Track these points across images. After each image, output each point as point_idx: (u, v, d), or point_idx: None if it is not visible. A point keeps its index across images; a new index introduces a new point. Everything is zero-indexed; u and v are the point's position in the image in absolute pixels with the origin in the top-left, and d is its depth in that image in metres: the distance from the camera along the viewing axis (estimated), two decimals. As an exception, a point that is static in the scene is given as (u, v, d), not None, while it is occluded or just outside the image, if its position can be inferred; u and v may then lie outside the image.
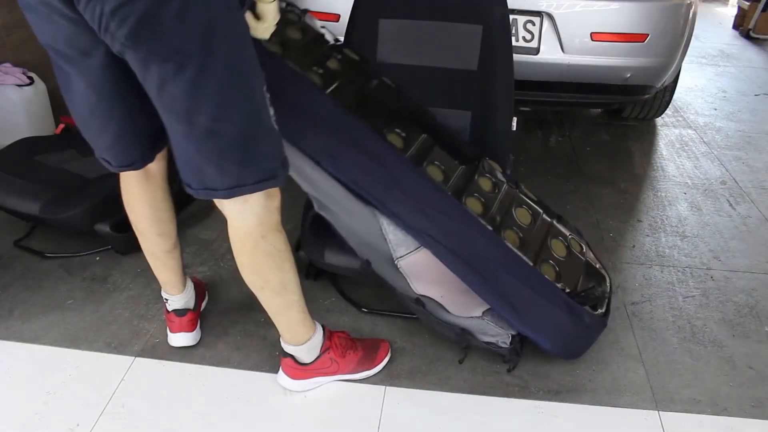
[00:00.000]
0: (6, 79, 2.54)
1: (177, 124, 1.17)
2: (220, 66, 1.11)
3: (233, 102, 1.15)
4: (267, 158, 1.24)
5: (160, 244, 1.54)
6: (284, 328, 1.48)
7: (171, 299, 1.63)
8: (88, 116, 1.29)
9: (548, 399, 1.56)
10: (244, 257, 1.35)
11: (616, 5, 2.36)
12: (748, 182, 2.74)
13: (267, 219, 1.29)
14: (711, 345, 1.76)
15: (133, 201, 1.48)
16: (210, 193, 1.24)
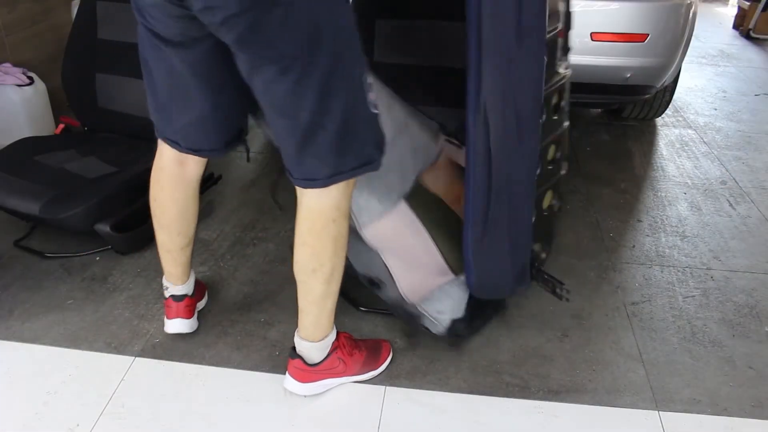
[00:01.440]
0: (6, 79, 2.54)
1: (280, 119, 1.23)
2: (323, 64, 1.15)
3: (335, 96, 1.19)
4: (364, 144, 1.29)
5: (177, 242, 1.56)
6: (311, 320, 1.45)
7: (171, 288, 1.63)
8: (173, 93, 1.34)
9: (548, 399, 1.56)
10: (310, 237, 1.35)
11: (616, 5, 2.36)
12: (748, 182, 2.74)
13: (342, 203, 1.32)
14: (711, 345, 1.76)
15: (162, 197, 1.51)
16: (310, 183, 1.28)
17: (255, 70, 1.17)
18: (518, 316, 1.84)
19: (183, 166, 1.48)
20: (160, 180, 1.50)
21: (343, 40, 1.18)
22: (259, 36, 1.10)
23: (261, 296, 1.88)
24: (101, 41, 2.28)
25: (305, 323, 1.46)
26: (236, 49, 1.16)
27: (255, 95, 1.23)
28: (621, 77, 2.49)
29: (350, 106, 1.22)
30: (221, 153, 1.46)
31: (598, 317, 1.85)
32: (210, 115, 1.36)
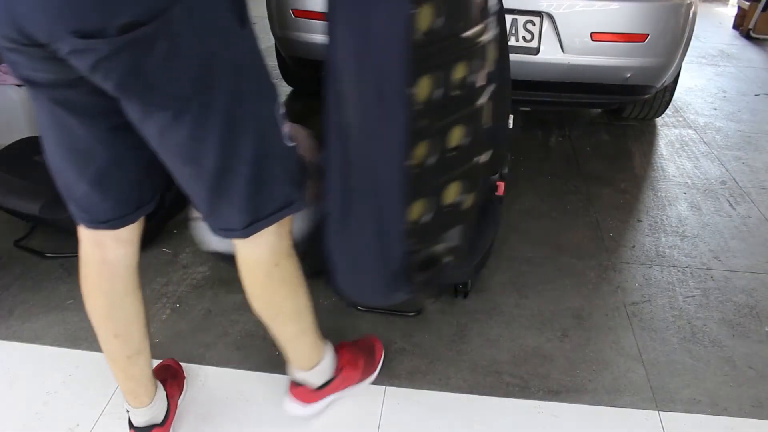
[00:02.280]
0: (6, 79, 2.54)
1: (184, 168, 1.07)
2: (223, 101, 1.00)
3: (241, 136, 1.05)
4: (282, 183, 1.15)
5: (117, 347, 1.28)
6: (296, 354, 1.40)
7: (132, 412, 1.35)
8: (66, 155, 1.11)
9: (548, 399, 1.56)
10: (256, 288, 1.25)
11: (616, 5, 2.36)
12: (748, 182, 2.74)
13: (279, 246, 1.20)
14: (711, 345, 1.76)
15: (88, 286, 1.24)
16: (228, 233, 1.16)
17: (146, 117, 0.99)
18: (518, 316, 1.84)
19: (101, 249, 1.21)
20: (83, 269, 1.24)
21: (242, 74, 1.02)
22: (142, 80, 0.93)
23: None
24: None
25: (292, 357, 1.41)
26: (119, 96, 0.97)
27: (152, 146, 1.05)
28: (621, 77, 2.49)
29: (261, 145, 1.08)
30: (135, 218, 1.21)
31: (598, 317, 1.85)
32: (110, 171, 1.12)
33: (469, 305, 1.87)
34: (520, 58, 2.40)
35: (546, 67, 2.44)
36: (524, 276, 2.03)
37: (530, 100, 2.66)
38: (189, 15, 0.90)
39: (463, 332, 1.77)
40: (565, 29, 2.37)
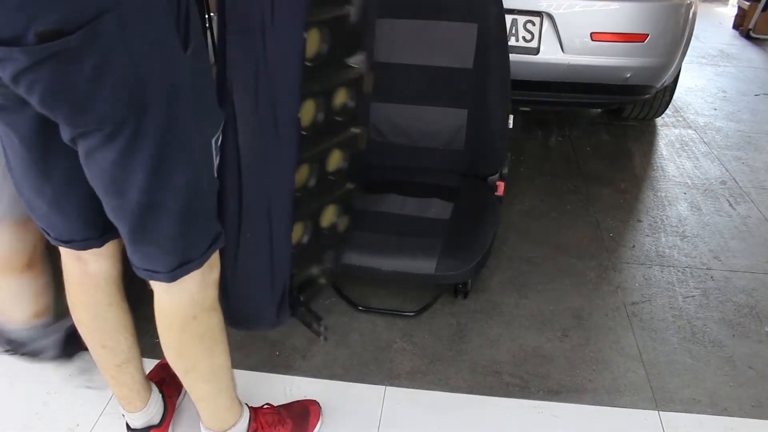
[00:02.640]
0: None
1: (107, 197, 0.98)
2: (156, 129, 0.90)
3: (173, 170, 0.95)
4: (210, 219, 1.08)
5: (106, 357, 1.25)
6: (208, 414, 1.28)
7: (128, 416, 1.34)
8: (22, 175, 1.04)
9: (548, 399, 1.56)
10: (169, 338, 1.14)
11: (616, 5, 2.36)
12: (748, 182, 2.74)
13: (201, 297, 1.10)
14: (711, 345, 1.76)
15: (71, 298, 1.20)
16: (152, 275, 1.05)
17: (77, 137, 0.90)
18: (518, 316, 1.84)
19: (81, 263, 1.15)
20: (66, 281, 1.20)
21: (179, 99, 0.92)
22: (68, 96, 0.84)
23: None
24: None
25: (203, 416, 1.29)
26: (45, 113, 0.87)
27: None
28: (621, 77, 2.49)
29: (195, 179, 0.99)
30: (99, 243, 1.13)
31: (598, 317, 1.85)
32: (65, 195, 1.05)
33: (469, 305, 1.88)
34: (520, 58, 2.40)
35: (546, 67, 2.44)
36: (524, 276, 2.03)
37: (530, 100, 2.66)
38: (121, 29, 0.81)
39: (463, 332, 1.77)
40: (565, 29, 2.37)
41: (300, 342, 1.71)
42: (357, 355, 1.68)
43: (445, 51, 1.95)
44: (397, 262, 1.68)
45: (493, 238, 1.85)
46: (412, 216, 1.82)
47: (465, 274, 1.75)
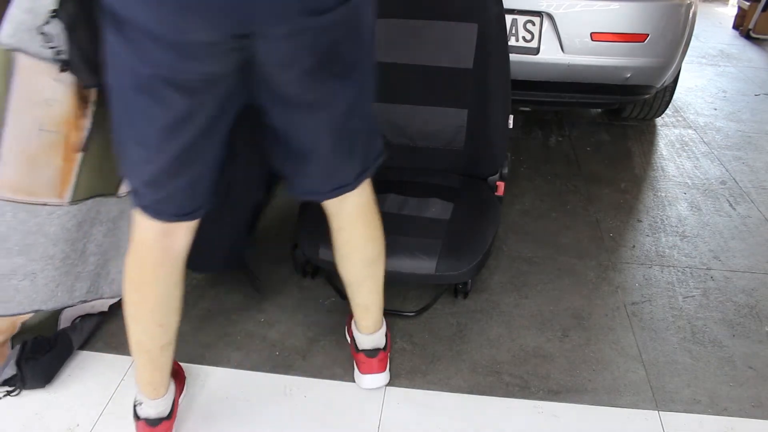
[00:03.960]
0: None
1: (328, 138, 1.18)
2: (371, 66, 1.16)
3: (369, 94, 1.20)
4: (378, 135, 1.33)
5: (157, 337, 1.30)
6: (377, 308, 1.52)
7: (146, 404, 1.35)
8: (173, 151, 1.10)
9: (548, 399, 1.56)
10: (372, 230, 1.38)
11: (616, 5, 2.36)
12: (748, 182, 2.74)
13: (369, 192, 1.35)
14: (711, 345, 1.76)
15: (143, 277, 1.24)
16: (341, 191, 1.28)
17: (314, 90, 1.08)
18: (518, 316, 1.84)
19: (170, 237, 1.21)
20: (140, 257, 1.23)
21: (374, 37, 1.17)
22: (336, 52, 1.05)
23: (261, 296, 1.88)
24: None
25: (376, 317, 1.51)
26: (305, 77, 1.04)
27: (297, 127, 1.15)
28: (621, 77, 2.49)
29: (372, 100, 1.23)
30: (210, 206, 1.25)
31: (598, 317, 1.85)
32: (212, 170, 1.19)
33: (469, 305, 1.88)
34: (520, 58, 2.40)
35: (546, 67, 2.44)
36: (524, 276, 2.03)
37: (530, 100, 2.66)
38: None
39: (463, 332, 1.77)
40: (565, 29, 2.37)
41: (300, 342, 1.71)
42: (357, 355, 1.68)
43: (445, 51, 1.95)
44: (397, 262, 1.68)
45: (494, 238, 1.85)
46: (412, 216, 1.82)
47: (465, 274, 1.75)
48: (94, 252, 1.56)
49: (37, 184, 1.40)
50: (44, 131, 1.38)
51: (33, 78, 1.32)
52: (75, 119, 1.40)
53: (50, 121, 1.36)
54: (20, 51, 1.29)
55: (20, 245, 1.43)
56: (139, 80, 1.00)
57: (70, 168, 1.44)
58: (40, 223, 1.44)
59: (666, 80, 2.66)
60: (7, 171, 1.37)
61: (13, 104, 1.32)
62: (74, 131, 1.41)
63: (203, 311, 1.80)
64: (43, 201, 1.42)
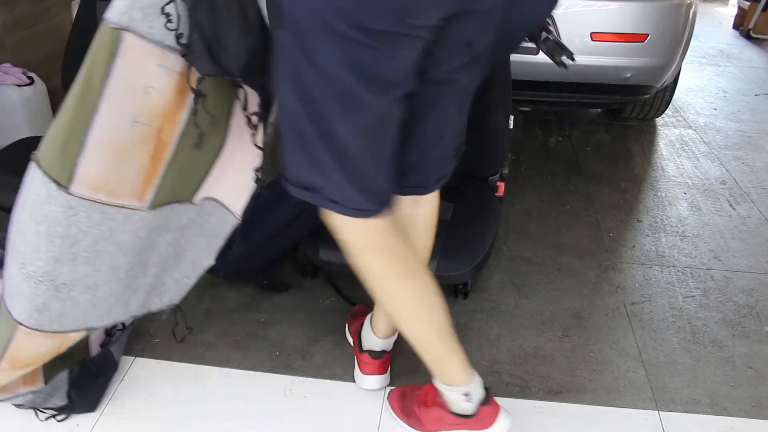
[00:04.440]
0: (6, 79, 2.54)
1: (455, 123, 1.23)
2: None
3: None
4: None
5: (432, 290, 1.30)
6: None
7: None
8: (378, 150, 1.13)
9: (548, 399, 1.56)
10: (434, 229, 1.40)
11: (616, 5, 2.36)
12: (748, 182, 2.74)
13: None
14: (711, 345, 1.76)
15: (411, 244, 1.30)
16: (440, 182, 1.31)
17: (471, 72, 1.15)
18: (518, 316, 1.84)
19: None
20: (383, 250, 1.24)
21: None
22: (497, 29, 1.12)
23: (261, 296, 1.88)
24: (101, 41, 2.27)
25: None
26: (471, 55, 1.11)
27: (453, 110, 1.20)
28: (621, 77, 2.49)
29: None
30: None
31: (598, 317, 1.85)
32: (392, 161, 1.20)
33: (469, 305, 1.88)
34: (520, 58, 2.40)
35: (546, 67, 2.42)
36: (524, 276, 2.03)
37: (530, 100, 2.66)
38: None
39: (463, 332, 1.77)
40: (565, 29, 2.37)
41: (300, 342, 1.71)
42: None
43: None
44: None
45: (494, 239, 1.85)
46: (412, 216, 1.82)
47: (465, 275, 1.75)
48: (155, 263, 1.36)
49: (119, 182, 1.20)
50: (138, 123, 1.17)
51: (136, 62, 1.14)
52: (172, 112, 1.21)
53: (146, 112, 1.18)
54: (129, 31, 1.11)
55: (88, 252, 1.23)
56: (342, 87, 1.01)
57: (156, 168, 1.23)
58: (114, 229, 1.23)
59: (666, 80, 2.66)
60: (91, 164, 1.17)
61: (110, 89, 1.13)
62: (168, 125, 1.21)
63: (203, 311, 1.80)
64: (121, 203, 1.22)
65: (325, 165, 1.11)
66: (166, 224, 1.32)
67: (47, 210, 1.18)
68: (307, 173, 1.14)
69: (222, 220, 1.38)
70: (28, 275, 1.21)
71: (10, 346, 1.29)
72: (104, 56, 1.12)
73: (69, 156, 1.15)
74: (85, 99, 1.13)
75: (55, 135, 1.16)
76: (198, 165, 1.28)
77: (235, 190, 1.34)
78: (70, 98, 1.14)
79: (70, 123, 1.14)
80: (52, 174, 1.17)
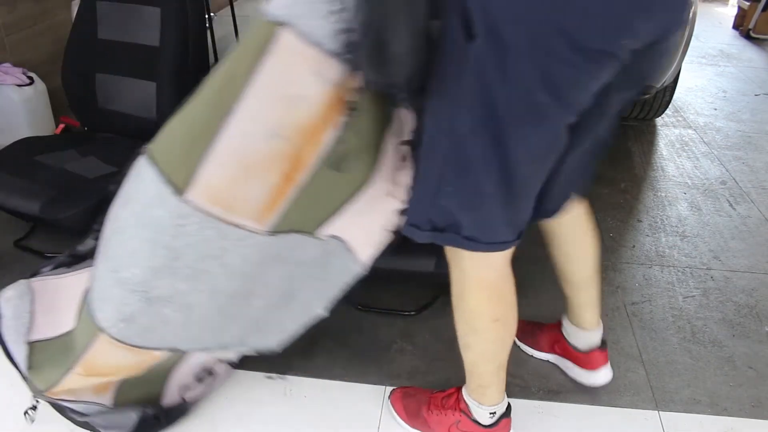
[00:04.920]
0: (6, 79, 2.54)
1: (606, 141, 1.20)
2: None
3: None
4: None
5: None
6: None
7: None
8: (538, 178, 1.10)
9: (548, 399, 1.56)
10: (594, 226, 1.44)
11: (616, 5, 2.36)
12: (748, 182, 2.74)
13: None
14: (711, 345, 1.76)
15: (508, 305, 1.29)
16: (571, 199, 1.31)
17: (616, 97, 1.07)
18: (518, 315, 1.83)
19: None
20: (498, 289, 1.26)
21: None
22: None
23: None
24: (101, 41, 2.28)
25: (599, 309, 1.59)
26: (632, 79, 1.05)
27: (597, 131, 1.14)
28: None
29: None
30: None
31: (598, 317, 1.85)
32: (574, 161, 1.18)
33: (469, 305, 1.87)
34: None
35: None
36: (524, 275, 2.01)
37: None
38: None
39: (463, 332, 1.76)
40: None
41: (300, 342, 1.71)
42: (357, 355, 1.68)
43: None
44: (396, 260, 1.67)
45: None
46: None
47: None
48: (261, 295, 1.20)
49: (241, 198, 1.05)
50: (276, 136, 1.02)
51: (289, 64, 0.99)
52: (318, 129, 1.03)
53: (289, 125, 1.01)
54: (288, 26, 0.97)
55: (192, 269, 1.09)
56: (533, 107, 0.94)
57: (286, 190, 1.06)
58: (225, 248, 1.08)
59: (666, 80, 2.66)
60: (214, 172, 1.02)
61: (252, 92, 0.99)
62: (310, 144, 1.03)
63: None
64: (238, 221, 1.06)
65: (483, 196, 1.03)
66: (282, 254, 1.16)
67: (155, 214, 1.04)
68: (447, 212, 1.07)
69: (344, 267, 1.23)
70: (121, 281, 1.09)
71: (88, 350, 1.21)
72: (253, 53, 0.99)
73: (191, 158, 1.01)
74: (222, 97, 1.00)
75: (178, 130, 1.04)
76: (334, 195, 1.12)
77: (368, 235, 1.21)
78: (203, 92, 1.02)
79: (200, 121, 1.02)
80: (168, 174, 1.03)
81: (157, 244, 1.05)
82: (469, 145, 0.99)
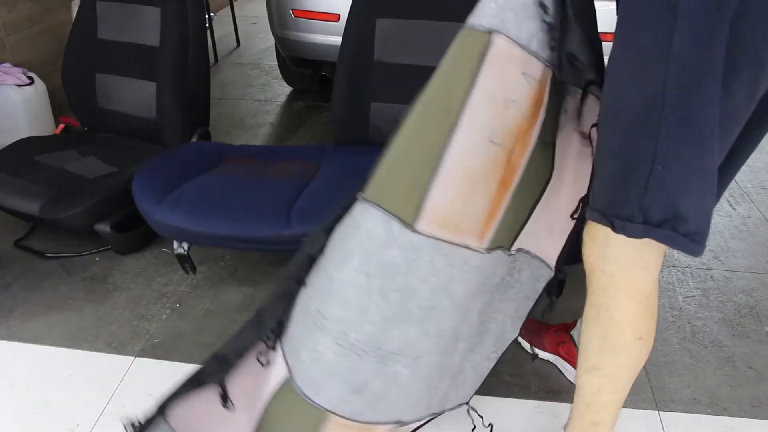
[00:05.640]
0: (6, 79, 2.54)
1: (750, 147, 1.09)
2: None
3: None
4: None
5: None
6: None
7: None
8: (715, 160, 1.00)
9: (548, 399, 1.56)
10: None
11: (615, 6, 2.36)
12: (748, 182, 2.74)
13: None
14: (711, 345, 1.76)
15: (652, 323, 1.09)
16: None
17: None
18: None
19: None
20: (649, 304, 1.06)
21: None
22: None
23: (261, 296, 1.88)
24: (101, 41, 2.28)
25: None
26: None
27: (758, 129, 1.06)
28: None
29: None
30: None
31: (598, 317, 1.85)
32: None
33: (469, 305, 1.87)
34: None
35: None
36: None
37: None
38: None
39: (463, 332, 1.77)
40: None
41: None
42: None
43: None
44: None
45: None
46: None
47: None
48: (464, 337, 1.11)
49: (467, 214, 1.00)
50: (492, 143, 0.98)
51: (501, 69, 0.98)
52: (525, 129, 1.01)
53: (502, 130, 0.98)
54: (500, 33, 0.97)
55: (422, 308, 1.01)
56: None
57: (502, 198, 1.02)
58: (451, 278, 1.01)
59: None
60: (443, 194, 0.97)
61: (474, 101, 0.97)
62: (520, 145, 1.00)
63: (203, 311, 1.80)
64: (465, 242, 1.00)
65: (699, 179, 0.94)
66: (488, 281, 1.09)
67: (386, 257, 0.99)
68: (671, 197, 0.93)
69: (534, 276, 1.16)
70: (351, 346, 1.02)
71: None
72: (470, 66, 0.97)
73: (418, 187, 0.97)
74: (443, 118, 0.98)
75: (394, 167, 1.00)
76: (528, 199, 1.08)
77: (550, 236, 1.14)
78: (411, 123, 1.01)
79: (422, 148, 0.98)
80: (394, 211, 0.98)
81: (389, 289, 1.00)
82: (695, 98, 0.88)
